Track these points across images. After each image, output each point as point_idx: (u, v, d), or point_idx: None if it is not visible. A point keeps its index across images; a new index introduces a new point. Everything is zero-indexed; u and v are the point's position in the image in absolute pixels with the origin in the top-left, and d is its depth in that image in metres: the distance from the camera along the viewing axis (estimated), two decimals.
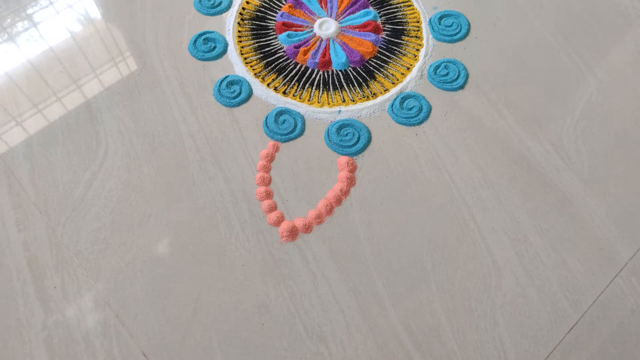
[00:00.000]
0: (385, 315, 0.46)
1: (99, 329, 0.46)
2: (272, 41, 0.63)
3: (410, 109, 0.57)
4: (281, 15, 0.64)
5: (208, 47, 0.62)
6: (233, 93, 0.58)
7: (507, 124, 0.56)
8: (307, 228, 0.50)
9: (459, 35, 0.62)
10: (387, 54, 0.61)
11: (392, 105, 0.57)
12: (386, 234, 0.50)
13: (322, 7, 0.64)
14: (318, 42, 0.62)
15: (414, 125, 0.56)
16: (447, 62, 0.60)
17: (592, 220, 0.50)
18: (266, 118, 0.56)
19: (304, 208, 0.51)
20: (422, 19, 0.64)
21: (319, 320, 0.46)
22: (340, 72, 0.60)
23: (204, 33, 0.63)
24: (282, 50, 0.62)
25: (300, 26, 0.63)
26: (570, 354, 0.45)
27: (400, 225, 0.50)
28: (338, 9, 0.64)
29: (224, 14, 0.66)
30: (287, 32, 0.62)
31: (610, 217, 0.50)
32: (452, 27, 0.63)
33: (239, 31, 0.64)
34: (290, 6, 0.64)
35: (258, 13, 0.65)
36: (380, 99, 0.58)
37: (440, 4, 0.65)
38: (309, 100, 0.58)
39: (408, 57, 0.61)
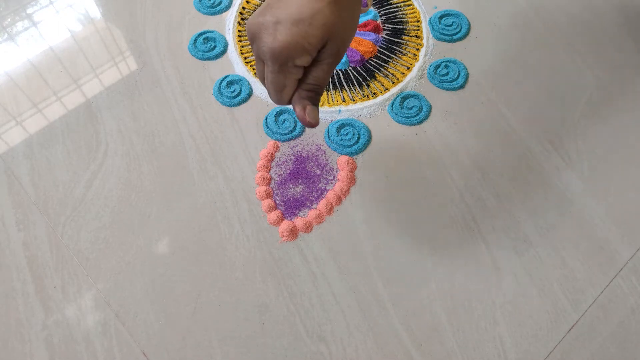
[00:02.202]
0: (385, 315, 0.46)
1: (99, 328, 0.46)
2: None
3: (411, 108, 0.57)
4: None
5: (208, 46, 0.62)
6: (233, 93, 0.58)
7: (507, 123, 0.56)
8: (307, 227, 0.50)
9: (459, 35, 0.62)
10: (387, 53, 0.61)
11: (392, 105, 0.57)
12: (386, 234, 0.50)
13: None
14: None
15: (414, 124, 0.56)
16: (447, 61, 0.60)
17: (592, 219, 0.50)
18: (266, 117, 0.56)
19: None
20: (422, 18, 0.64)
21: (319, 319, 0.46)
22: (340, 72, 0.60)
23: (204, 32, 0.63)
24: None
25: None
26: (571, 353, 0.45)
27: (401, 225, 0.50)
28: None
29: (224, 14, 0.66)
30: None
31: (610, 217, 0.50)
32: (452, 27, 0.63)
33: (239, 31, 0.64)
34: None
35: None
36: (380, 98, 0.58)
37: (440, 4, 0.65)
38: None
39: (408, 57, 0.61)
